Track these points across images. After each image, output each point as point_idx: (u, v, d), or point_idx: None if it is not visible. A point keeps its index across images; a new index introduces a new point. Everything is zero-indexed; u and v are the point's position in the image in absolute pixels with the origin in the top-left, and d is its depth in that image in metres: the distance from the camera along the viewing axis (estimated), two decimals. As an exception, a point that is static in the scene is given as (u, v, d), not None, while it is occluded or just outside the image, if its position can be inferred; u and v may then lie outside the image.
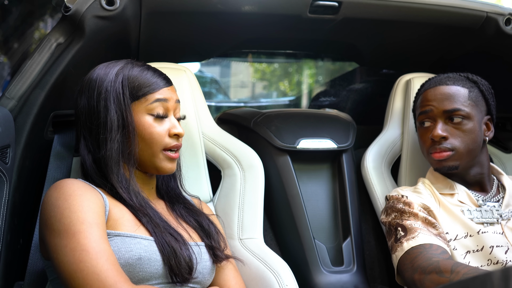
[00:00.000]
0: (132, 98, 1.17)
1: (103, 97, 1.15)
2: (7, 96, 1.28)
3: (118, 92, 1.16)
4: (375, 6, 1.57)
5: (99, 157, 1.15)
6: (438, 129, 1.44)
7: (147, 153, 1.17)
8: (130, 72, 1.18)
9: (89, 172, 1.17)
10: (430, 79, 1.56)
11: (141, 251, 1.07)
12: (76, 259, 0.99)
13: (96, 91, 1.16)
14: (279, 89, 6.25)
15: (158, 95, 1.18)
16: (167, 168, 1.20)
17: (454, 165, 1.45)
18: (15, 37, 3.51)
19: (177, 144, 1.20)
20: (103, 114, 1.15)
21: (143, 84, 1.17)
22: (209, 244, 1.21)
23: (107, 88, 1.16)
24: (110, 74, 1.17)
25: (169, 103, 1.19)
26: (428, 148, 1.49)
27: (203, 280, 1.17)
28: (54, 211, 1.04)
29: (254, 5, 1.52)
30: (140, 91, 1.17)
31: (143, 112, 1.17)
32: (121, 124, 1.15)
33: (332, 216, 1.68)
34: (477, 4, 1.65)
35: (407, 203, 1.43)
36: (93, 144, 1.17)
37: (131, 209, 1.13)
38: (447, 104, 1.46)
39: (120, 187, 1.14)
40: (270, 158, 1.66)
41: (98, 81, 1.17)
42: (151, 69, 1.21)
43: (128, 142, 1.15)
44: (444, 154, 1.44)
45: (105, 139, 1.14)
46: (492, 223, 1.43)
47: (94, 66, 1.23)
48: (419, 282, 1.28)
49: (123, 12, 1.35)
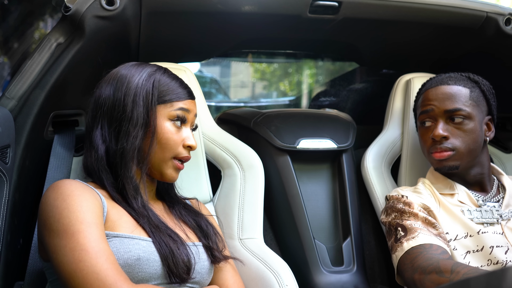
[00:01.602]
0: (159, 100, 1.20)
1: (133, 92, 1.18)
2: (7, 96, 1.28)
3: (148, 91, 1.19)
4: (375, 6, 1.58)
5: (116, 149, 1.16)
6: (439, 128, 1.44)
7: (158, 157, 1.19)
8: (162, 77, 1.22)
9: (95, 164, 1.17)
10: (431, 79, 1.56)
11: (139, 251, 1.07)
12: (76, 259, 0.99)
13: (125, 85, 1.19)
14: (279, 89, 6.25)
15: (182, 104, 1.22)
16: (171, 176, 1.22)
17: (454, 165, 1.45)
18: (15, 37, 3.51)
19: (187, 156, 1.23)
20: (130, 108, 1.17)
21: (172, 91, 1.21)
22: (207, 245, 1.22)
23: (138, 84, 1.19)
24: (142, 73, 1.21)
25: (190, 115, 1.23)
26: (428, 147, 1.48)
27: (201, 280, 1.17)
28: (52, 211, 1.04)
29: (254, 5, 1.52)
30: (167, 96, 1.21)
31: (165, 117, 1.20)
32: (145, 122, 1.17)
33: (332, 216, 1.68)
34: (477, 4, 1.65)
35: (407, 203, 1.43)
36: (110, 135, 1.18)
37: (129, 210, 1.14)
38: (448, 104, 1.46)
39: (128, 183, 1.15)
40: (270, 158, 1.67)
41: (129, 77, 1.20)
42: (179, 80, 1.26)
43: (147, 141, 1.17)
44: (445, 154, 1.44)
45: (128, 132, 1.16)
46: (492, 223, 1.43)
47: (94, 66, 1.23)
48: (419, 282, 1.28)
49: (123, 12, 1.35)
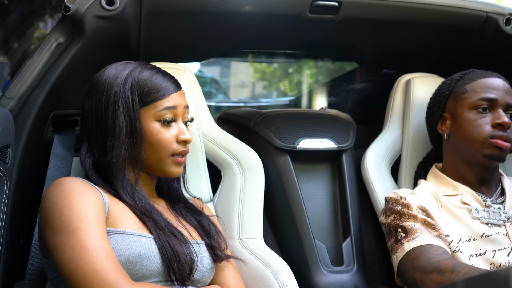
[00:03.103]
0: (141, 103, 1.15)
1: (112, 102, 1.14)
2: (7, 96, 1.28)
3: (127, 97, 1.14)
4: (375, 6, 1.57)
5: (105, 162, 1.15)
6: (505, 116, 1.44)
7: (154, 158, 1.18)
8: (140, 76, 1.16)
9: (89, 174, 1.16)
10: (475, 70, 1.54)
11: (140, 248, 1.07)
12: (76, 256, 0.99)
13: (104, 95, 1.15)
14: (279, 89, 6.25)
15: (167, 102, 1.16)
16: (174, 172, 1.20)
17: (504, 157, 1.45)
18: (15, 37, 3.50)
19: (184, 150, 1.20)
20: (111, 120, 1.14)
21: (153, 90, 1.16)
22: (209, 243, 1.21)
23: (115, 93, 1.14)
24: (119, 78, 1.15)
25: (178, 110, 1.18)
26: (489, 133, 1.43)
27: (202, 279, 1.17)
28: (54, 208, 1.04)
29: (254, 5, 1.52)
30: (149, 97, 1.15)
31: (152, 118, 1.16)
32: (129, 131, 1.14)
33: (332, 216, 1.68)
34: (477, 4, 1.65)
35: (406, 205, 1.43)
36: (98, 149, 1.16)
37: (134, 211, 1.13)
38: (510, 98, 1.46)
39: (124, 194, 1.14)
40: (270, 158, 1.66)
41: (107, 85, 1.15)
42: (160, 72, 1.20)
43: (136, 147, 1.15)
44: (507, 144, 1.43)
45: (112, 146, 1.13)
46: (499, 225, 1.42)
47: (94, 66, 1.22)
48: (420, 282, 1.28)
49: (123, 12, 1.35)
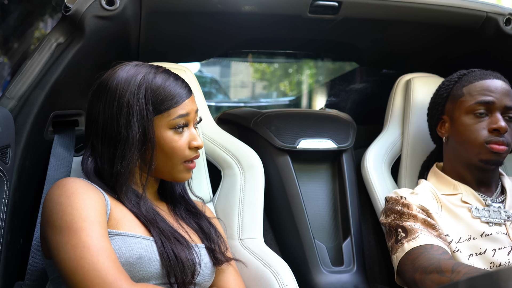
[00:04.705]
0: (155, 112, 1.13)
1: (126, 110, 1.10)
2: (7, 96, 1.28)
3: (141, 106, 1.11)
4: (375, 6, 1.57)
5: (111, 173, 1.13)
6: (502, 121, 1.41)
7: (167, 165, 1.17)
8: (154, 83, 1.13)
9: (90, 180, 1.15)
10: (475, 71, 1.52)
11: (141, 250, 1.07)
12: (77, 256, 0.99)
13: (116, 102, 1.11)
14: (279, 89, 6.26)
15: (180, 110, 1.14)
16: (185, 178, 1.20)
17: (502, 161, 1.44)
18: (15, 37, 3.51)
19: (196, 155, 1.20)
20: (124, 129, 1.10)
21: (167, 97, 1.13)
22: (209, 247, 1.21)
23: (129, 101, 1.11)
24: (132, 84, 1.12)
25: (190, 116, 1.17)
26: (485, 138, 1.43)
27: (203, 282, 1.17)
28: (56, 208, 1.04)
29: (254, 5, 1.52)
30: (163, 105, 1.13)
31: (165, 127, 1.14)
32: (142, 140, 1.12)
33: (332, 216, 1.68)
34: (477, 4, 1.65)
35: (406, 205, 1.43)
36: (102, 158, 1.14)
37: (137, 216, 1.13)
38: (509, 100, 1.44)
39: (129, 203, 1.13)
40: (270, 158, 1.66)
41: (120, 91, 1.12)
42: (172, 77, 1.17)
43: (147, 155, 1.14)
44: (503, 147, 1.42)
45: (123, 156, 1.11)
46: (499, 224, 1.42)
47: (94, 66, 1.22)
48: (420, 282, 1.28)
49: (123, 12, 1.35)
